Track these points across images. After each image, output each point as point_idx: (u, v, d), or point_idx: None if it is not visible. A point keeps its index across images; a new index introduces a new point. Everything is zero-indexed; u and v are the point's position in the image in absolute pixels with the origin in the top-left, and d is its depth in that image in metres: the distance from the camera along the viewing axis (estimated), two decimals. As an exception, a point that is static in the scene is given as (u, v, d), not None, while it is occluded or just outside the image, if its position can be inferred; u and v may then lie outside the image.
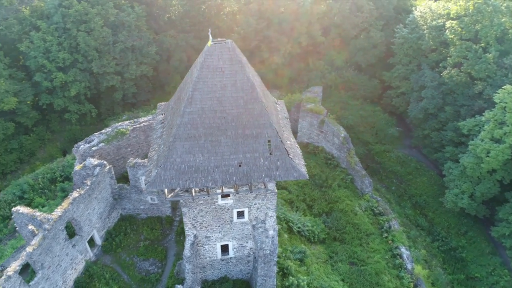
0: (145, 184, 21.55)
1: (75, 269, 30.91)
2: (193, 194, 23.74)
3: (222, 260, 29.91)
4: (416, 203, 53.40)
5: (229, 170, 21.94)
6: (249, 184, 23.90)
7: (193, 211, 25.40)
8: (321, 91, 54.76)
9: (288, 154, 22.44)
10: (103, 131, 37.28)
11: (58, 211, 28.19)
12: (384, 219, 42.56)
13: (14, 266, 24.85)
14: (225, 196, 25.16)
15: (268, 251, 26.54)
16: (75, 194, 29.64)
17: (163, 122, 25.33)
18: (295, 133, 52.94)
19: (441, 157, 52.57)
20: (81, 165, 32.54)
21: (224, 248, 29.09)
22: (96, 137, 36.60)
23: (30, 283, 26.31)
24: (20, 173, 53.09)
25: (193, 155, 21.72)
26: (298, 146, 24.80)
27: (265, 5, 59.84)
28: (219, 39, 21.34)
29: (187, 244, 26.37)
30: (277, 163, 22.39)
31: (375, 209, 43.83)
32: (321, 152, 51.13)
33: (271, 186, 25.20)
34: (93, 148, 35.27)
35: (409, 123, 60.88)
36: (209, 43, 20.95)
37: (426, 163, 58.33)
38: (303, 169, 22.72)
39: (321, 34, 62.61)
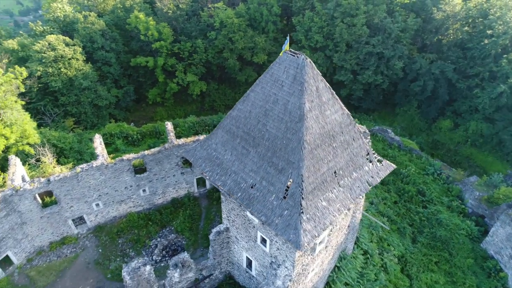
0: (184, 151, 23.15)
1: (176, 190, 37.29)
2: (215, 184, 23.34)
3: (246, 272, 28.47)
4: None
5: (240, 184, 20.18)
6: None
7: (228, 205, 25.12)
8: None
9: (301, 211, 18.12)
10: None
11: (180, 140, 34.22)
12: None
13: (130, 156, 32.98)
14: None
15: (264, 296, 23.34)
16: (201, 137, 34.70)
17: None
18: (484, 234, 38.97)
19: None
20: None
21: (250, 261, 27.46)
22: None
23: (136, 175, 34.30)
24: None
25: (224, 150, 21.18)
26: (335, 216, 19.20)
27: None
28: (296, 52, 18.51)
29: (214, 230, 26.74)
30: (283, 212, 18.63)
31: None
32: (499, 279, 35.52)
33: (294, 236, 21.19)
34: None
35: None
36: (282, 51, 18.63)
37: None
38: (304, 238, 17.84)
39: None
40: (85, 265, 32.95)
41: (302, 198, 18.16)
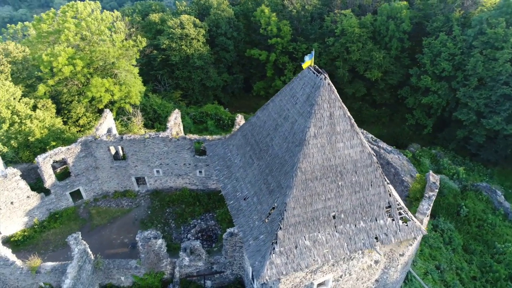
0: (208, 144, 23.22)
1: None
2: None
3: (251, 283, 27.38)
4: None
5: (237, 192, 19.27)
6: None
7: (243, 210, 24.41)
8: None
9: (274, 241, 16.39)
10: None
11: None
12: None
13: (192, 136, 34.79)
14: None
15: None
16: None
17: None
18: None
19: None
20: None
21: (254, 275, 26.32)
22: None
23: (195, 156, 36.08)
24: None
25: (236, 154, 20.44)
26: (316, 261, 16.69)
27: None
28: (320, 69, 16.19)
29: (228, 230, 26.32)
30: (259, 235, 17.12)
31: None
32: None
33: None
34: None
35: None
36: (306, 65, 16.54)
37: None
38: (268, 271, 16.06)
39: None
40: (133, 221, 36.53)
41: (280, 228, 16.37)
